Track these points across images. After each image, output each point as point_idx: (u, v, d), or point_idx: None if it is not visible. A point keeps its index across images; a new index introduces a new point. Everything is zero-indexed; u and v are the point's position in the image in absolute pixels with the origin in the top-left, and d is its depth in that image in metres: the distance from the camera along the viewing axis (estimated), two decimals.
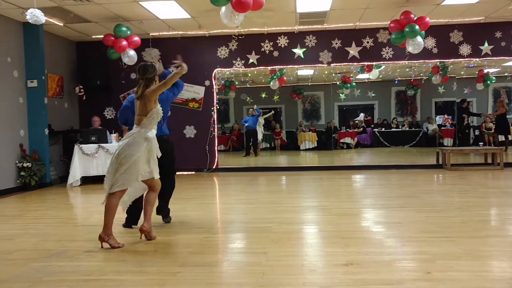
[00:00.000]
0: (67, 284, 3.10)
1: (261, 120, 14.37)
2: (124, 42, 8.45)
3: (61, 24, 8.81)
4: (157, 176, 4.19)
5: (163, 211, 4.93)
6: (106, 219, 3.96)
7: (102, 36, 8.79)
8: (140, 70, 4.10)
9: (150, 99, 4.02)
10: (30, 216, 5.81)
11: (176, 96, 4.86)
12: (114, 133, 9.16)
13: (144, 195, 4.33)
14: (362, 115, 16.79)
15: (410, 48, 8.17)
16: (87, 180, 8.81)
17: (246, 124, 13.70)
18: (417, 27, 7.76)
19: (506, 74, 13.01)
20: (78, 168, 8.41)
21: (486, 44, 9.72)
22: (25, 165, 8.01)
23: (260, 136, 14.46)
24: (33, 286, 3.08)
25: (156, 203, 4.66)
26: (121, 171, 3.92)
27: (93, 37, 9.91)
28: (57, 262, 3.62)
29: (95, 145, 8.53)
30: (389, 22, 8.29)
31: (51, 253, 3.89)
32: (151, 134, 4.07)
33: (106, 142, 8.80)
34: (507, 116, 11.77)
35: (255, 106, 13.79)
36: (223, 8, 6.33)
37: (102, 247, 3.96)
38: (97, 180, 8.78)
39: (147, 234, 4.18)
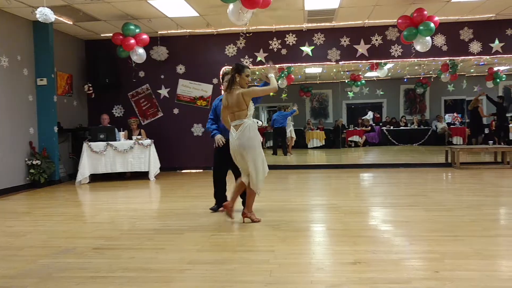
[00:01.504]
0: (75, 280, 3.13)
1: (291, 119, 13.85)
2: (132, 41, 8.50)
3: (71, 23, 8.86)
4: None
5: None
6: (250, 200, 4.73)
7: (111, 34, 8.85)
8: (234, 67, 4.63)
9: (249, 97, 4.54)
10: (39, 213, 5.86)
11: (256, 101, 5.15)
12: (123, 131, 9.20)
13: (238, 182, 4.84)
14: (370, 113, 16.70)
15: (418, 47, 8.12)
16: (95, 178, 8.87)
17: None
18: (432, 25, 7.68)
19: None
20: (87, 165, 8.48)
21: (496, 42, 9.61)
22: (34, 162, 8.08)
23: (289, 135, 13.82)
24: (42, 282, 3.11)
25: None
26: (259, 163, 4.52)
27: (102, 35, 9.96)
28: (65, 258, 3.65)
29: (104, 143, 8.58)
30: (397, 19, 8.24)
31: (60, 249, 3.92)
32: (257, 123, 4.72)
33: (115, 140, 8.84)
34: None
35: (295, 106, 13.27)
36: (231, 6, 6.31)
37: (244, 221, 4.72)
38: (106, 177, 8.88)
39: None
